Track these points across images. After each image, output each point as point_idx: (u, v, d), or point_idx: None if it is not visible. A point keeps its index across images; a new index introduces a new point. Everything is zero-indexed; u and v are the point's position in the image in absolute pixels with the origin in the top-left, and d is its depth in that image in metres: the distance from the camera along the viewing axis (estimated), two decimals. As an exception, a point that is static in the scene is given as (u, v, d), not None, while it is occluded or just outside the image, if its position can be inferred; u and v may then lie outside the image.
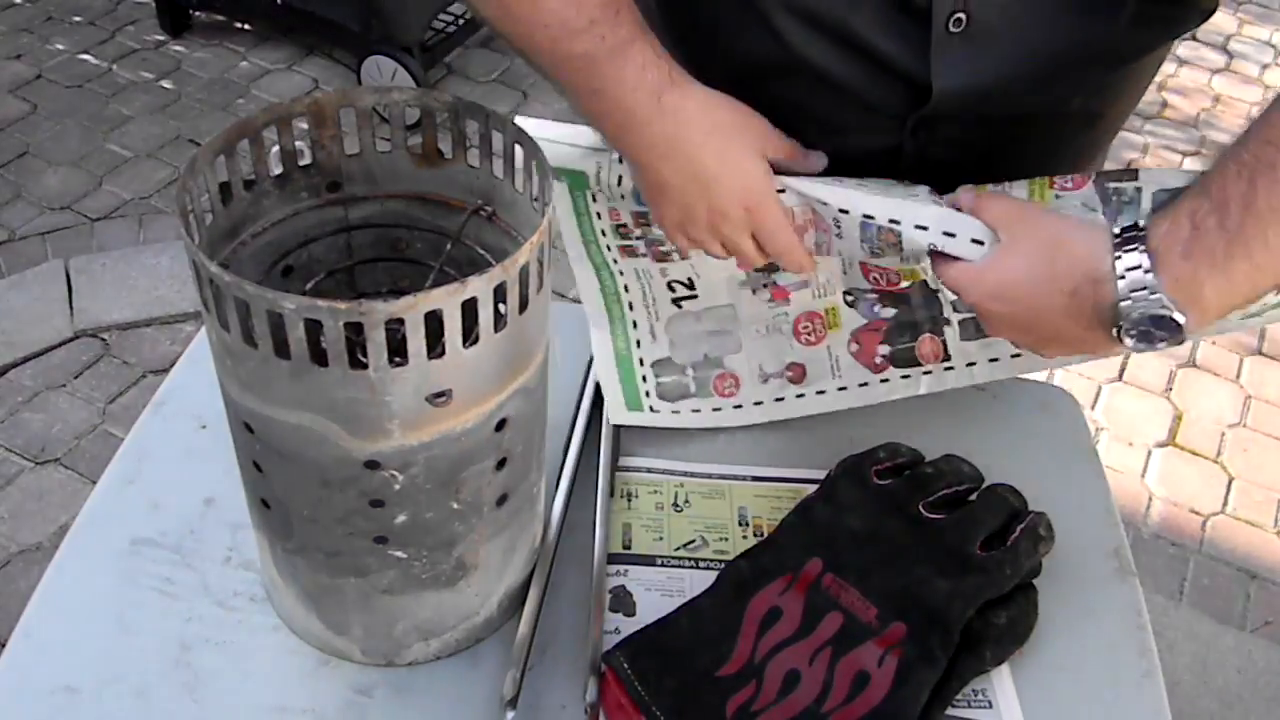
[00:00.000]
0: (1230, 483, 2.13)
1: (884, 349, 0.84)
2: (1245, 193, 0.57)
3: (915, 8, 0.71)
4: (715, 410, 0.86)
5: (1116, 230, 0.61)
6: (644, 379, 0.86)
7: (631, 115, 0.70)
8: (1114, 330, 0.61)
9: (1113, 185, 0.70)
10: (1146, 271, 0.59)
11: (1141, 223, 0.61)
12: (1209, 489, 2.12)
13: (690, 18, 0.82)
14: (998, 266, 0.67)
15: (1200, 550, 2.02)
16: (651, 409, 0.86)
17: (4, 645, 0.70)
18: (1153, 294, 0.59)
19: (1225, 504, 2.10)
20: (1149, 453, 2.18)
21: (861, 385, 0.84)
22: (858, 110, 0.78)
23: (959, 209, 0.70)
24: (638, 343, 0.86)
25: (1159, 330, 0.60)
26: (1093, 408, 2.25)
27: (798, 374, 0.85)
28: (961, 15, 0.71)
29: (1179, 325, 0.59)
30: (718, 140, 0.71)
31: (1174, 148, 2.88)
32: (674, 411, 0.86)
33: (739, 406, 0.86)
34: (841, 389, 0.85)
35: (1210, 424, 2.24)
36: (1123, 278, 0.60)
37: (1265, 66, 3.23)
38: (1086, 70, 0.76)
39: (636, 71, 0.69)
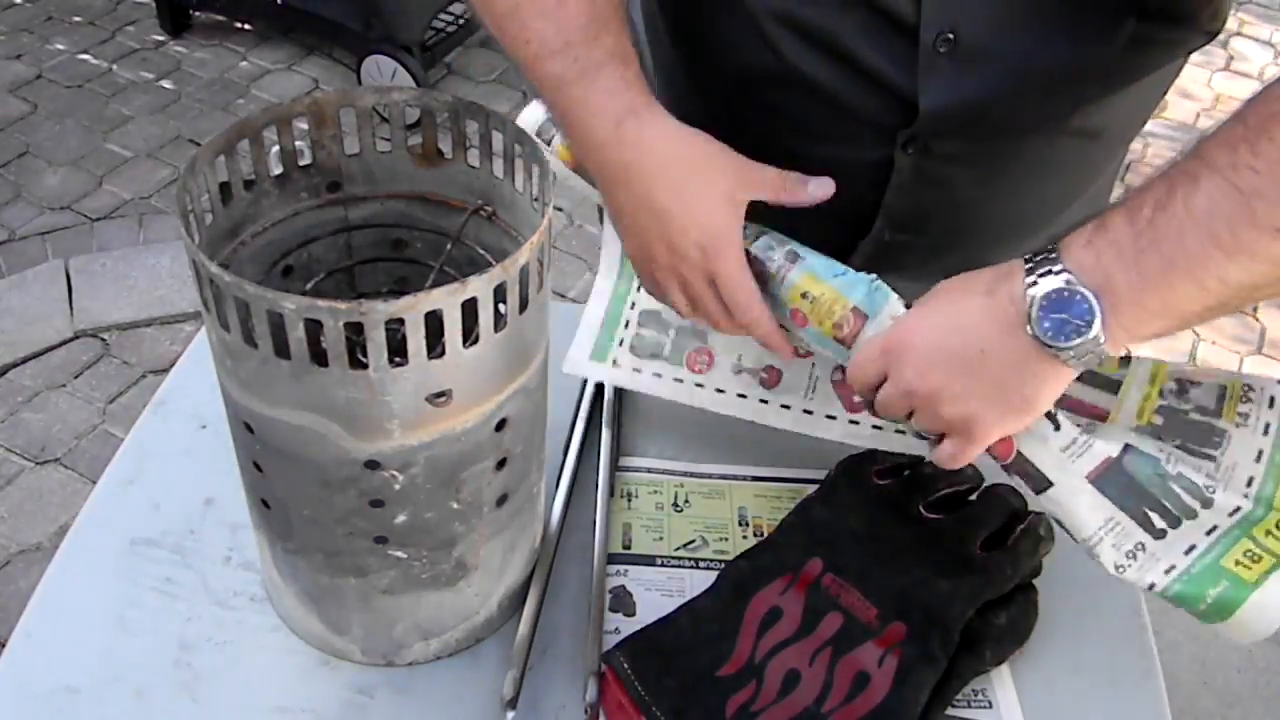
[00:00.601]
0: (1230, 483, 2.13)
1: None
2: (1160, 197, 0.57)
3: (904, 25, 0.71)
4: (677, 381, 0.83)
5: (1025, 258, 0.61)
6: (625, 325, 0.85)
7: (589, 139, 0.69)
8: (1028, 325, 0.60)
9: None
10: (1052, 253, 0.59)
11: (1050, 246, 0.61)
12: (1209, 489, 2.12)
13: (690, 26, 0.82)
14: (905, 322, 0.65)
15: (1200, 550, 2.02)
16: (615, 362, 0.84)
17: (4, 645, 0.70)
18: (1058, 272, 0.58)
19: (1225, 504, 2.09)
20: (1149, 453, 2.18)
21: (829, 417, 0.82)
22: (850, 123, 0.77)
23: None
24: (638, 288, 0.84)
25: (1074, 316, 0.58)
26: (1093, 408, 2.25)
27: (772, 378, 0.83)
28: (950, 35, 0.71)
29: (1090, 307, 0.58)
30: (676, 173, 0.69)
31: (1174, 148, 2.88)
32: (635, 370, 0.83)
33: (700, 386, 0.83)
34: (807, 411, 0.82)
35: (1210, 424, 2.24)
36: (1030, 267, 0.59)
37: (1265, 66, 3.23)
38: (1082, 90, 0.75)
39: (601, 97, 0.68)
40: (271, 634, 0.71)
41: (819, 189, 0.71)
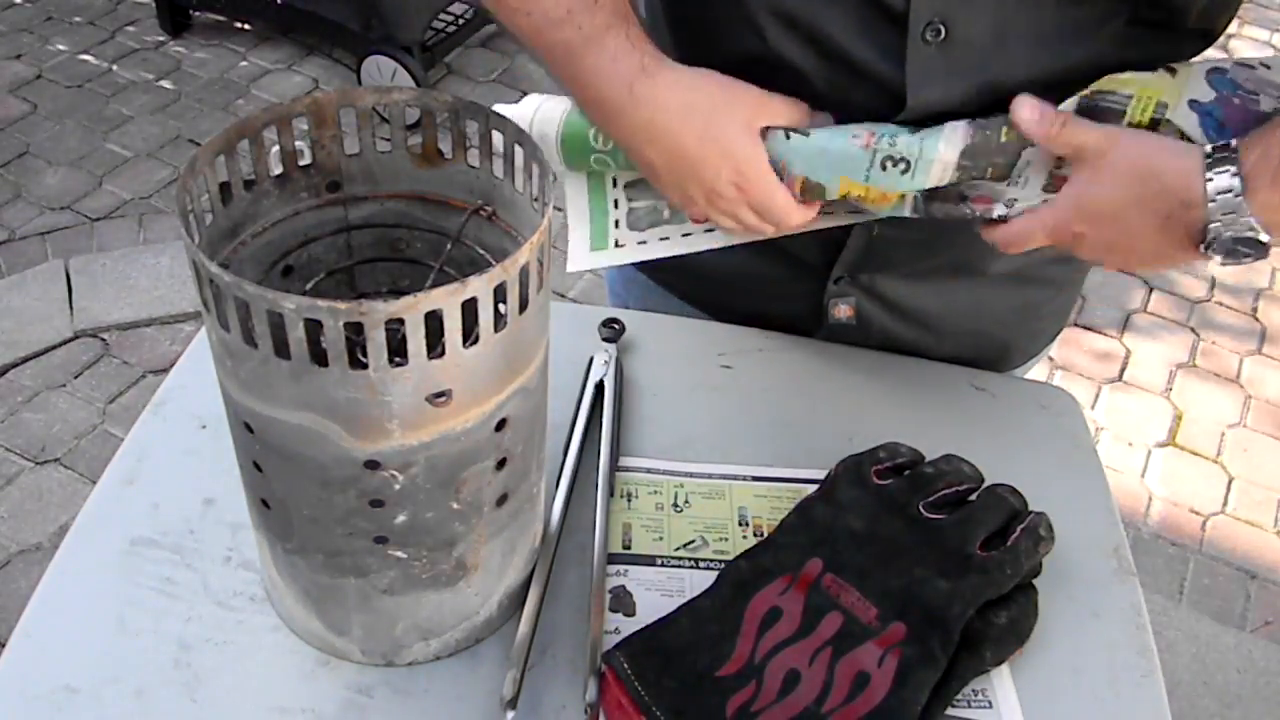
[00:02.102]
0: (1230, 483, 2.14)
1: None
2: None
3: (893, 14, 0.71)
4: (685, 235, 0.83)
5: (1209, 150, 0.63)
6: (615, 204, 0.83)
7: (607, 104, 0.71)
8: (1202, 247, 0.64)
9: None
10: (1237, 195, 0.61)
11: (1233, 143, 0.63)
12: (1209, 489, 2.12)
13: (684, 11, 0.82)
14: (1087, 192, 0.67)
15: (1200, 550, 2.02)
16: (617, 243, 0.83)
17: (4, 645, 0.70)
18: (1241, 217, 0.61)
19: (1225, 504, 2.10)
20: (1149, 453, 2.18)
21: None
22: (837, 113, 0.77)
23: (1014, 131, 0.70)
24: (614, 171, 0.82)
25: (1244, 249, 0.63)
26: (1093, 408, 2.25)
27: None
28: (940, 27, 0.70)
29: (1264, 245, 0.62)
30: (696, 121, 0.71)
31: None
32: (640, 243, 0.83)
33: (710, 230, 0.83)
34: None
35: (1210, 424, 2.24)
36: (1214, 200, 0.62)
37: (1265, 66, 3.23)
38: (1072, 88, 0.75)
39: (609, 62, 0.70)
40: (271, 634, 0.71)
41: (822, 121, 0.75)
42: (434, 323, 0.53)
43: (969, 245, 0.80)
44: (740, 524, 0.79)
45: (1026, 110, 0.69)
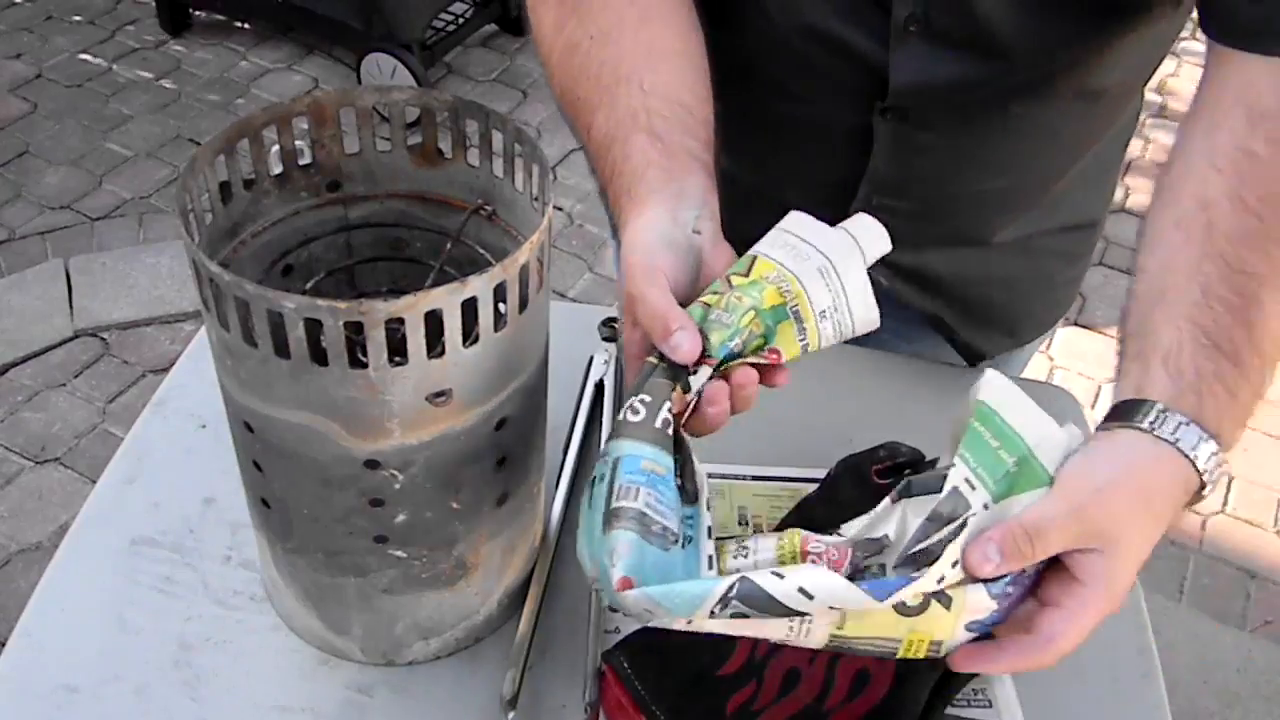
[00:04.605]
0: (1230, 482, 2.13)
1: None
2: (1246, 328, 0.59)
3: (875, 6, 0.71)
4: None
5: (1171, 436, 0.57)
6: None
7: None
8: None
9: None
10: (1217, 454, 0.58)
11: (1163, 402, 0.57)
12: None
13: None
14: (1121, 570, 0.57)
15: (1200, 550, 2.02)
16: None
17: (4, 645, 0.70)
18: (1224, 464, 0.59)
19: (1225, 504, 2.10)
20: (1149, 452, 2.18)
21: None
22: (826, 88, 0.78)
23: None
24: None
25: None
26: (1093, 407, 2.25)
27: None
28: (921, 15, 0.71)
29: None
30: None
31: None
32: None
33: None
34: None
35: (1210, 424, 2.24)
36: (1207, 471, 0.58)
37: (1265, 66, 3.23)
38: (1062, 64, 0.75)
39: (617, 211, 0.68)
40: (271, 633, 0.71)
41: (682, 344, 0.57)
42: (434, 322, 0.53)
43: (968, 215, 0.80)
44: (740, 523, 0.79)
45: (977, 560, 0.54)
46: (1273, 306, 0.59)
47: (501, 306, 0.56)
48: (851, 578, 0.52)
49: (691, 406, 0.58)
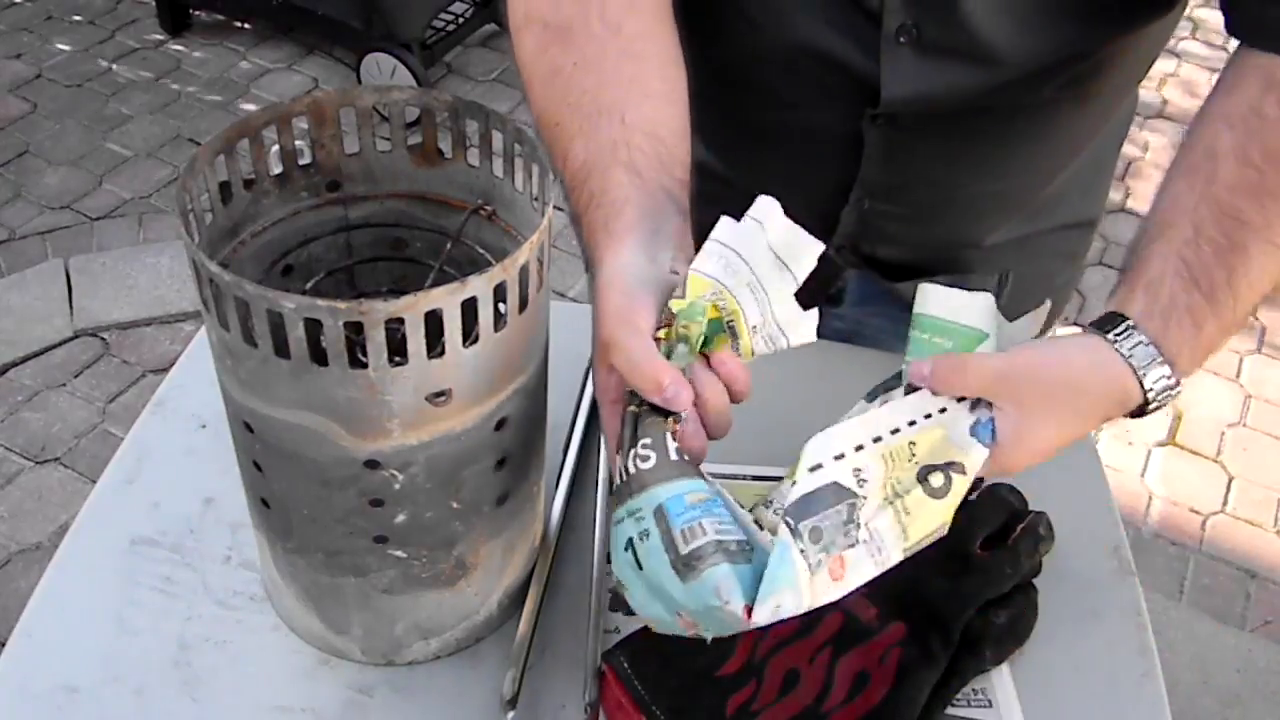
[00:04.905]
0: (1230, 482, 2.13)
1: None
2: (1228, 268, 0.62)
3: (868, 11, 0.71)
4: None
5: (1127, 349, 0.62)
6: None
7: None
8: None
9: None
10: (1169, 377, 0.63)
11: (1133, 319, 0.62)
12: (1209, 488, 2.12)
13: (690, 6, 0.82)
14: (1029, 438, 0.62)
15: (1200, 550, 2.02)
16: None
17: (4, 645, 0.70)
18: (1175, 388, 0.63)
19: (1225, 503, 2.10)
20: (1149, 452, 2.18)
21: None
22: (816, 95, 0.78)
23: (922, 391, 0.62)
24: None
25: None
26: (1093, 407, 2.25)
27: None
28: (912, 28, 0.71)
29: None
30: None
31: (1174, 146, 2.88)
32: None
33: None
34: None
35: (1210, 423, 2.24)
36: (1152, 391, 0.63)
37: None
38: (1052, 71, 0.75)
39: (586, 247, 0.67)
40: (271, 633, 0.71)
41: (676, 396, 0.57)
42: (434, 322, 0.53)
43: (962, 217, 0.80)
44: (740, 523, 0.79)
45: (915, 370, 0.63)
46: (1258, 255, 0.62)
47: (501, 306, 0.56)
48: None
49: (687, 420, 0.58)
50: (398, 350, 0.53)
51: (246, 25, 3.11)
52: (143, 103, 2.84)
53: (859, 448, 0.59)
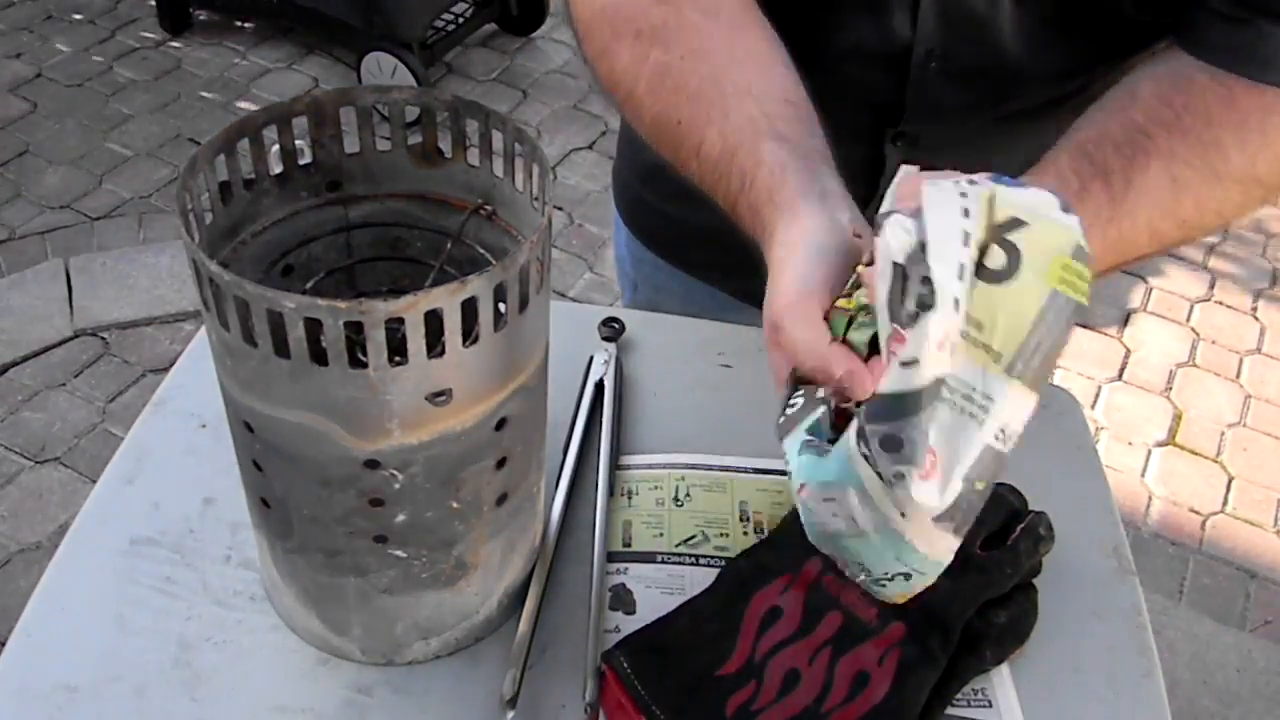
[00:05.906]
0: (1230, 482, 2.14)
1: None
2: (1125, 167, 0.61)
3: (899, 35, 0.71)
4: None
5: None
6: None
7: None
8: None
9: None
10: None
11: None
12: (1209, 488, 2.12)
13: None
14: None
15: (1200, 550, 2.02)
16: None
17: (4, 645, 0.70)
18: None
19: (1225, 503, 2.10)
20: (1149, 452, 2.18)
21: None
22: (840, 121, 0.78)
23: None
24: None
25: None
26: (1093, 407, 2.25)
27: None
28: (942, 54, 0.71)
29: None
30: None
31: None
32: None
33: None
34: None
35: (1210, 423, 2.24)
36: None
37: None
38: (1071, 84, 0.76)
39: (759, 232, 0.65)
40: (271, 634, 0.71)
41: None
42: (434, 322, 0.53)
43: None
44: (741, 519, 0.79)
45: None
46: (1157, 176, 0.61)
47: (501, 306, 0.56)
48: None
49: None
50: (398, 350, 0.53)
51: (246, 25, 3.11)
52: (143, 102, 2.84)
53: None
